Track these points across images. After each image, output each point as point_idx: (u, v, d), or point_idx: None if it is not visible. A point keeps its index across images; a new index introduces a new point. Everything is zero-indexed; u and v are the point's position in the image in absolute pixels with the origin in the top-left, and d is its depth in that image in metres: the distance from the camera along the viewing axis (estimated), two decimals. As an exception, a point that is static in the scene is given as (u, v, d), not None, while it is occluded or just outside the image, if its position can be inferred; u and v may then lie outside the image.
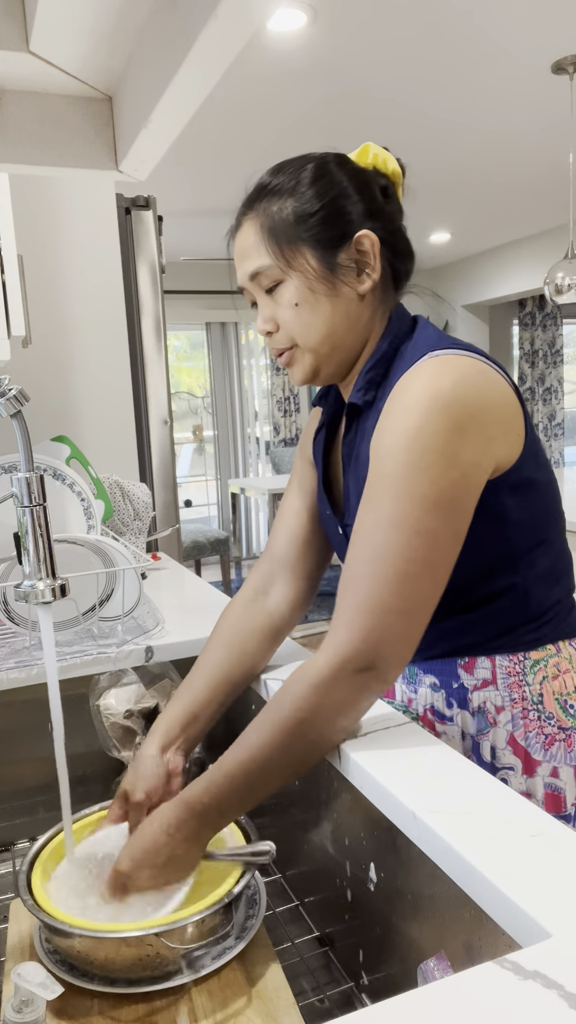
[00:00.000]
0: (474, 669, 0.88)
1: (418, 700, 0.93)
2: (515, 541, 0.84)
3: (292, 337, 0.86)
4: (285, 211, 0.83)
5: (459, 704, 0.89)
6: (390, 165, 0.87)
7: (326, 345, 0.86)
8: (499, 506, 0.81)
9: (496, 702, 0.87)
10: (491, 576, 0.85)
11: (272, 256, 0.84)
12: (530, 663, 0.87)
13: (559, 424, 6.99)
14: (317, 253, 0.82)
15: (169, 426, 2.36)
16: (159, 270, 2.28)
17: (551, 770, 0.86)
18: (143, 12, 0.64)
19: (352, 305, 0.85)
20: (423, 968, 0.65)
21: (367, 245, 0.83)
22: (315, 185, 0.83)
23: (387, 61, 2.76)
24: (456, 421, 0.74)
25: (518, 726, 0.87)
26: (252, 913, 0.83)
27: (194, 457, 6.88)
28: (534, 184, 4.47)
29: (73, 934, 0.72)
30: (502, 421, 0.78)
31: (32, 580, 0.78)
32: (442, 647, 0.90)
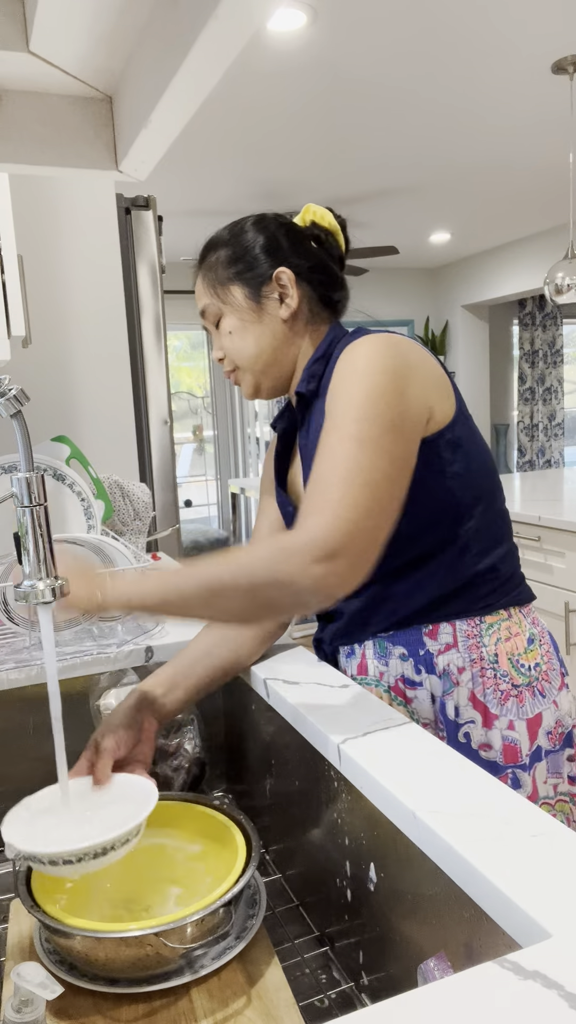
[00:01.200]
0: (437, 635, 0.98)
1: (389, 672, 1.01)
2: (455, 493, 0.95)
3: (232, 361, 1.02)
4: (220, 258, 1.01)
5: (426, 669, 0.98)
6: (326, 219, 1.03)
7: (258, 363, 1.01)
8: (439, 459, 0.93)
9: (458, 663, 0.97)
10: (434, 529, 0.95)
11: (210, 296, 1.02)
12: (485, 626, 0.98)
13: (559, 424, 6.99)
14: (243, 290, 0.99)
15: (169, 426, 2.36)
16: (159, 270, 2.28)
17: (507, 723, 0.96)
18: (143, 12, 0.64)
19: (277, 329, 1.00)
20: (423, 968, 0.65)
21: (284, 279, 0.98)
22: (242, 235, 1.01)
23: (387, 61, 2.76)
24: (397, 366, 0.87)
25: (477, 683, 0.96)
26: (252, 913, 0.83)
27: (194, 457, 6.88)
28: (534, 184, 4.47)
29: (73, 934, 0.72)
30: (433, 377, 0.91)
31: (32, 580, 0.78)
32: (402, 613, 0.99)
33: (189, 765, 1.08)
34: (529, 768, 0.96)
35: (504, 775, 0.94)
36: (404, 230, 5.55)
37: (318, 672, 1.02)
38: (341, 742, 0.80)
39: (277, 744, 1.00)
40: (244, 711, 1.13)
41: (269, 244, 0.99)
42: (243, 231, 1.01)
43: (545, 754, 0.96)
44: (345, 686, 0.97)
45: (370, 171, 4.09)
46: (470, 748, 0.96)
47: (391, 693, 1.01)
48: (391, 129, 3.47)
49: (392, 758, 0.76)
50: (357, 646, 1.04)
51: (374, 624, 1.01)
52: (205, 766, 1.11)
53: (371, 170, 4.07)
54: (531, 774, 0.96)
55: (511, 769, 0.95)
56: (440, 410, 0.92)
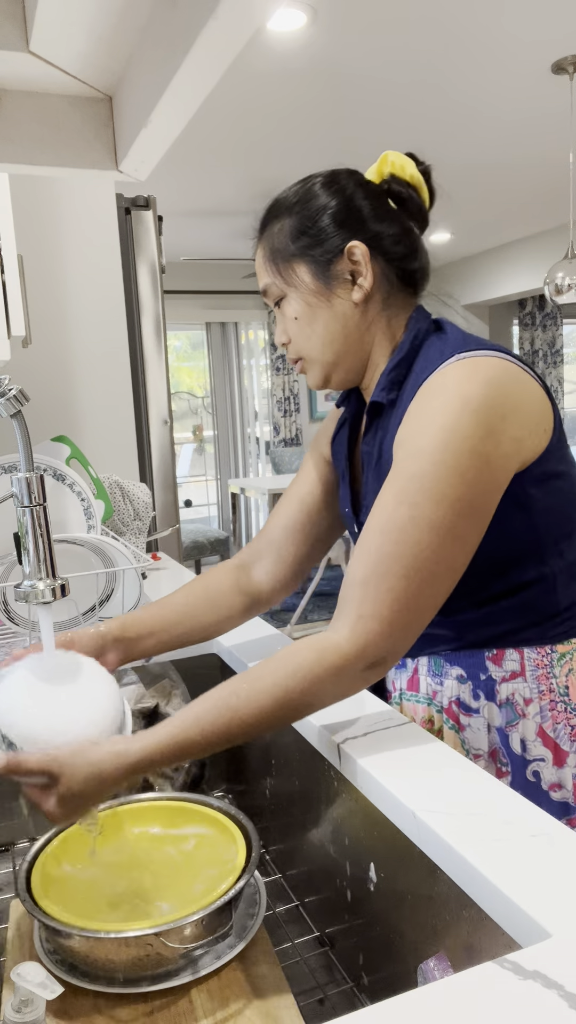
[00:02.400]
0: (502, 661, 0.89)
1: (443, 692, 0.92)
2: (541, 531, 0.85)
3: (298, 349, 0.92)
4: (283, 230, 0.89)
5: (486, 696, 0.89)
6: (408, 170, 0.90)
7: (327, 355, 0.90)
8: (525, 496, 0.83)
9: (524, 694, 0.88)
10: (519, 565, 0.86)
11: (272, 274, 0.90)
12: (557, 656, 0.88)
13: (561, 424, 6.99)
14: (311, 268, 0.88)
15: (169, 426, 2.36)
16: (159, 270, 2.28)
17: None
18: (143, 12, 0.64)
19: (349, 315, 0.88)
20: (423, 968, 0.65)
21: (357, 255, 0.86)
22: (309, 203, 0.88)
23: (387, 61, 2.76)
24: (487, 424, 0.76)
25: (546, 718, 0.88)
26: (252, 913, 0.83)
27: (194, 457, 6.88)
28: (534, 184, 4.47)
29: (73, 934, 0.72)
30: (529, 420, 0.80)
31: (32, 580, 0.78)
32: (470, 638, 0.90)
33: (189, 765, 1.08)
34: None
35: (574, 817, 0.88)
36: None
37: (318, 672, 1.02)
38: (341, 742, 0.80)
39: (277, 744, 1.00)
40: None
41: (341, 211, 0.87)
42: (312, 195, 0.88)
43: None
44: (345, 686, 0.97)
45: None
46: (539, 787, 0.87)
47: (443, 715, 0.92)
48: (391, 129, 3.47)
49: (392, 758, 0.76)
50: (410, 660, 0.96)
51: (435, 644, 0.93)
52: (205, 766, 1.11)
53: (371, 170, 4.07)
54: None
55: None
56: (532, 447, 0.81)
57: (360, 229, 0.87)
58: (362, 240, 0.87)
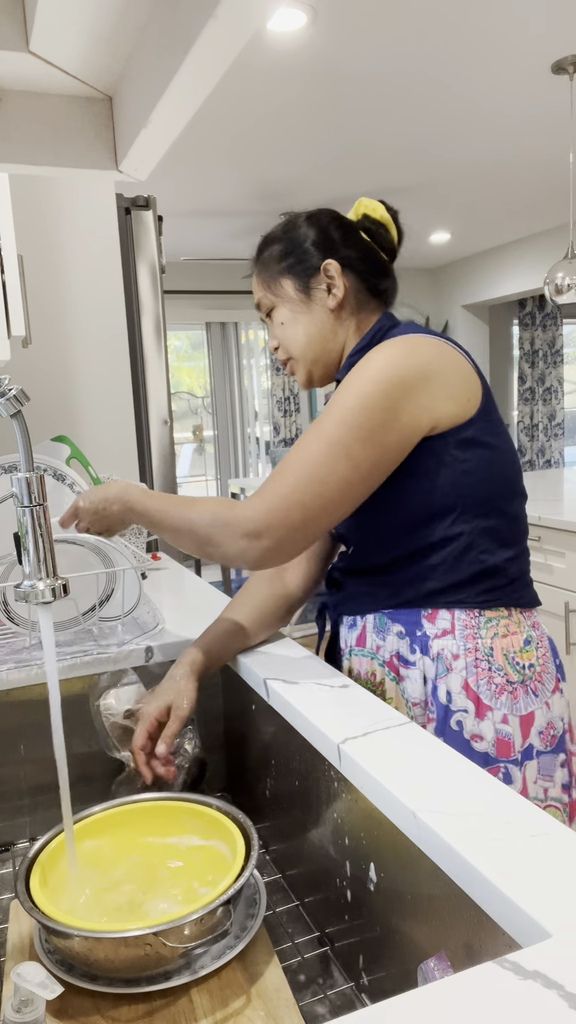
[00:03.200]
0: (435, 620, 1.00)
1: (386, 647, 1.04)
2: (462, 489, 0.96)
3: (286, 351, 1.10)
4: (272, 255, 1.09)
5: (421, 650, 1.00)
6: (378, 212, 1.08)
7: (308, 352, 1.08)
8: (449, 456, 0.95)
9: (453, 650, 0.98)
10: (441, 520, 0.97)
11: (264, 290, 1.10)
12: (484, 619, 0.99)
13: (559, 424, 6.99)
14: (294, 282, 1.06)
15: (169, 426, 2.36)
16: (159, 270, 2.28)
17: (501, 717, 0.97)
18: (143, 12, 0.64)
19: (324, 318, 1.06)
20: (423, 968, 0.65)
21: (331, 271, 1.04)
22: (294, 231, 1.07)
23: (387, 61, 2.76)
24: (401, 375, 0.91)
25: (471, 673, 0.98)
26: (252, 913, 0.83)
27: (194, 457, 6.88)
28: (534, 184, 4.47)
29: (72, 934, 0.72)
30: (450, 385, 0.94)
31: (32, 580, 0.78)
32: (404, 596, 1.01)
33: (189, 765, 1.08)
34: (521, 765, 0.96)
35: (495, 767, 0.95)
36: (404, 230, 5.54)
37: (318, 672, 1.02)
38: (341, 742, 0.80)
39: (277, 744, 1.00)
40: (244, 711, 1.13)
41: (318, 238, 1.06)
42: (295, 227, 1.08)
43: (537, 754, 0.97)
44: (345, 686, 0.97)
45: (370, 171, 4.09)
46: (461, 737, 0.96)
47: (385, 668, 1.04)
48: (391, 129, 3.47)
49: (392, 758, 0.76)
50: (359, 618, 1.08)
51: (374, 601, 1.05)
52: (205, 766, 1.11)
53: (371, 170, 4.07)
54: (522, 771, 0.96)
55: (503, 763, 0.95)
56: (452, 414, 0.94)
57: (332, 251, 1.05)
58: (338, 258, 1.04)
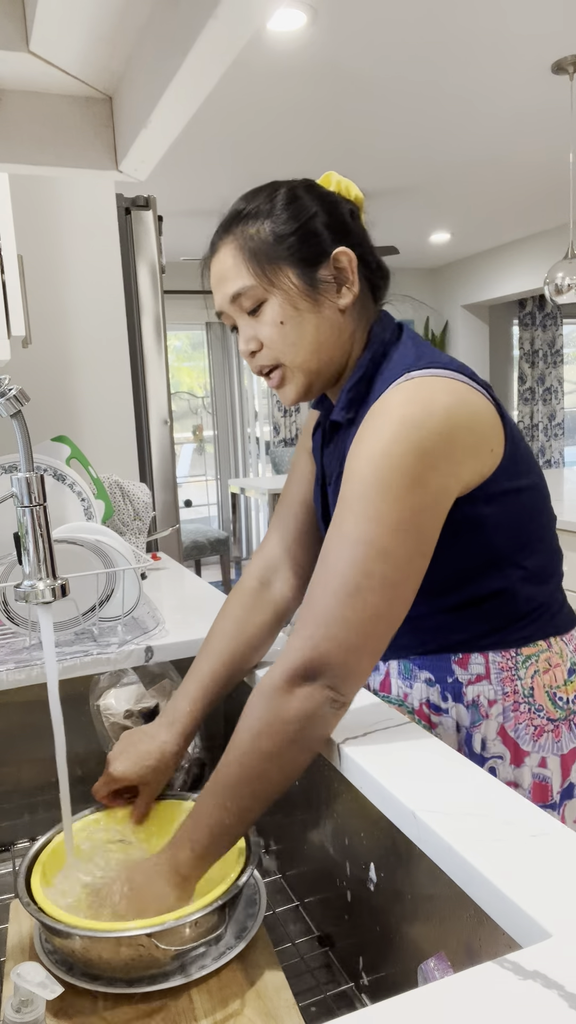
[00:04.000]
0: (468, 664, 0.90)
1: (413, 695, 0.95)
2: (498, 546, 0.86)
3: (277, 356, 0.88)
4: (264, 232, 0.85)
5: (454, 698, 0.91)
6: (352, 191, 0.90)
7: (314, 361, 0.87)
8: (477, 515, 0.83)
9: (489, 696, 0.90)
10: (478, 579, 0.87)
11: (254, 276, 0.85)
12: (522, 659, 0.90)
13: (559, 424, 6.99)
14: (298, 271, 0.85)
15: (169, 426, 2.36)
16: (159, 270, 2.27)
17: (539, 760, 0.89)
18: (143, 12, 0.64)
19: (335, 320, 0.87)
20: (423, 968, 0.65)
21: (345, 261, 0.85)
22: (289, 207, 0.85)
23: (387, 62, 2.76)
24: (422, 446, 0.75)
25: (508, 718, 0.89)
26: (252, 913, 0.83)
27: (194, 457, 6.88)
28: (534, 184, 4.47)
29: (72, 934, 0.72)
30: (472, 442, 0.80)
31: (32, 580, 0.78)
32: (435, 643, 0.92)
33: (189, 765, 1.08)
34: (559, 807, 0.90)
35: None
36: (404, 230, 5.54)
37: (318, 672, 1.02)
38: (341, 742, 0.80)
39: (277, 744, 1.00)
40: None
41: (326, 217, 0.86)
42: (294, 198, 0.86)
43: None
44: (345, 686, 0.97)
45: (370, 171, 4.09)
46: None
47: (414, 716, 0.95)
48: (391, 129, 3.47)
49: (392, 758, 0.76)
50: (381, 663, 0.99)
51: (403, 649, 0.95)
52: (205, 766, 1.11)
53: (371, 170, 4.07)
54: (560, 812, 0.90)
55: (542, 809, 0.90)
56: (477, 472, 0.81)
57: (344, 236, 0.87)
58: (351, 246, 0.86)
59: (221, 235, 0.88)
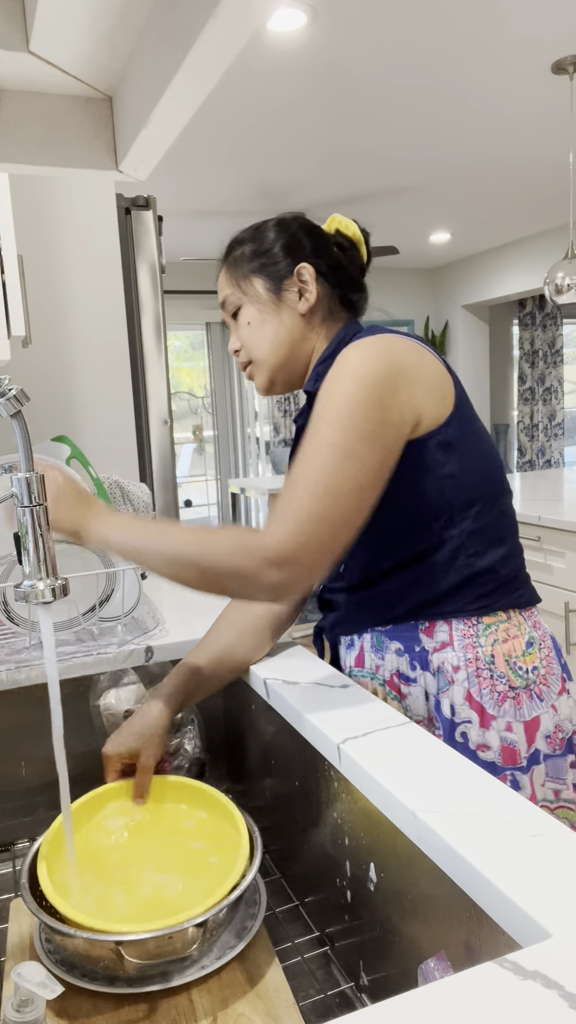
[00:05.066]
0: (433, 633, 0.98)
1: (385, 666, 1.02)
2: (447, 494, 0.94)
3: (248, 353, 1.06)
4: (245, 252, 1.05)
5: (421, 666, 0.99)
6: (351, 229, 1.06)
7: (273, 357, 1.04)
8: (430, 460, 0.93)
9: (453, 662, 0.96)
10: (428, 527, 0.95)
11: (232, 286, 1.05)
12: (482, 627, 0.97)
13: (559, 424, 6.99)
14: (264, 282, 1.03)
15: (169, 426, 2.36)
16: (159, 270, 2.28)
17: (505, 724, 0.95)
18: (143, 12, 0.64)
19: (294, 322, 1.03)
20: (423, 968, 0.65)
21: (305, 275, 1.02)
22: (269, 232, 1.05)
23: (387, 61, 2.76)
24: (383, 372, 0.88)
25: (473, 683, 0.96)
26: (252, 913, 0.83)
27: (194, 457, 6.88)
28: (534, 184, 4.47)
29: (73, 934, 0.72)
30: (426, 381, 0.91)
31: (32, 580, 0.78)
32: (398, 610, 0.99)
33: (189, 765, 1.08)
34: (527, 771, 0.95)
35: (503, 776, 0.94)
36: (404, 230, 5.54)
37: (318, 672, 1.02)
38: (341, 742, 0.80)
39: (277, 744, 1.00)
40: (244, 711, 1.13)
41: (291, 242, 1.03)
42: (268, 229, 1.05)
43: (544, 758, 0.96)
44: (345, 686, 0.97)
45: (370, 171, 4.09)
46: (468, 748, 0.95)
47: (386, 687, 1.01)
48: (391, 129, 3.47)
49: (392, 758, 0.76)
50: (356, 638, 1.05)
51: (369, 618, 1.02)
52: (205, 766, 1.11)
53: (371, 170, 4.07)
54: (529, 776, 0.95)
55: (510, 771, 0.94)
56: (432, 413, 0.92)
57: (307, 256, 1.03)
58: (313, 264, 1.02)
59: (223, 258, 1.09)
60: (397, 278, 7.06)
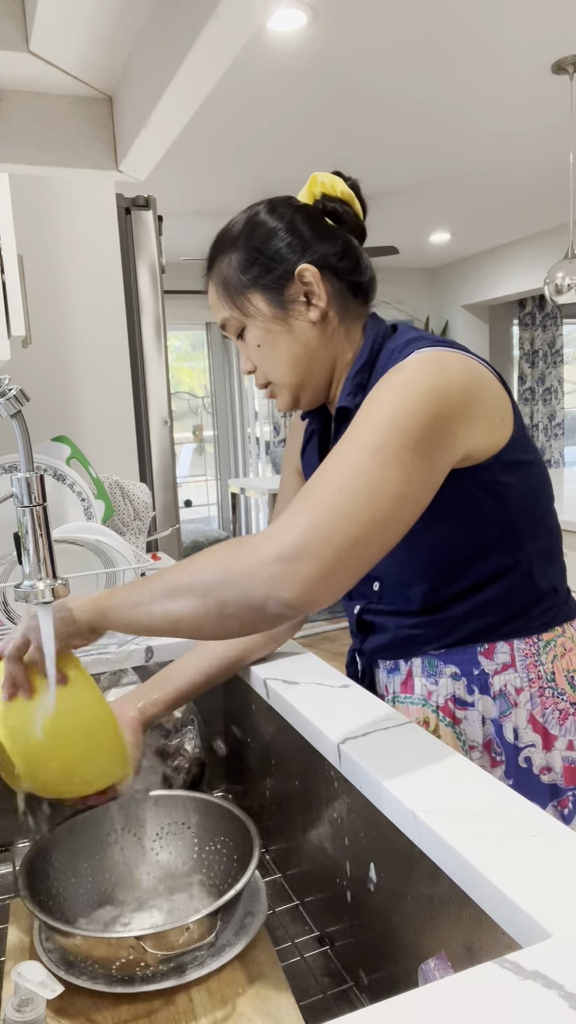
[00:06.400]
0: (494, 654, 0.92)
1: (439, 691, 0.94)
2: (516, 516, 0.88)
3: (264, 375, 0.94)
4: (232, 264, 0.90)
5: (480, 690, 0.92)
6: (338, 188, 0.91)
7: (293, 376, 0.92)
8: (497, 483, 0.86)
9: (516, 684, 0.91)
10: (497, 551, 0.89)
11: (229, 308, 0.91)
12: (543, 644, 0.92)
13: (559, 424, 6.99)
14: (265, 296, 0.89)
15: (169, 426, 2.36)
16: (159, 270, 2.28)
17: (567, 743, 0.91)
18: (143, 12, 0.64)
19: (309, 334, 0.90)
20: (423, 968, 0.65)
21: (309, 277, 0.88)
22: (252, 235, 0.89)
23: (387, 61, 2.76)
24: (446, 396, 0.76)
25: (536, 704, 0.91)
26: (252, 912, 0.83)
27: (194, 457, 6.88)
28: (534, 184, 4.47)
29: (73, 933, 0.72)
30: (485, 405, 0.81)
31: (32, 580, 0.78)
32: (458, 634, 0.92)
33: (189, 765, 1.08)
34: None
35: (565, 798, 0.90)
36: (404, 230, 5.54)
37: (318, 672, 1.02)
38: (341, 742, 0.80)
39: (277, 744, 1.00)
40: (244, 711, 1.13)
41: (285, 237, 0.88)
42: (254, 224, 0.90)
43: None
44: (345, 686, 0.97)
45: (370, 171, 4.09)
46: (531, 773, 0.90)
47: (439, 713, 0.94)
48: (391, 129, 3.47)
49: (392, 758, 0.76)
50: (403, 662, 0.98)
51: (422, 645, 0.95)
52: (205, 766, 1.11)
53: (371, 170, 4.07)
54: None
55: (571, 792, 0.90)
56: (493, 438, 0.83)
57: (305, 251, 0.89)
58: (309, 261, 0.88)
59: (207, 269, 0.94)
60: (397, 278, 7.06)
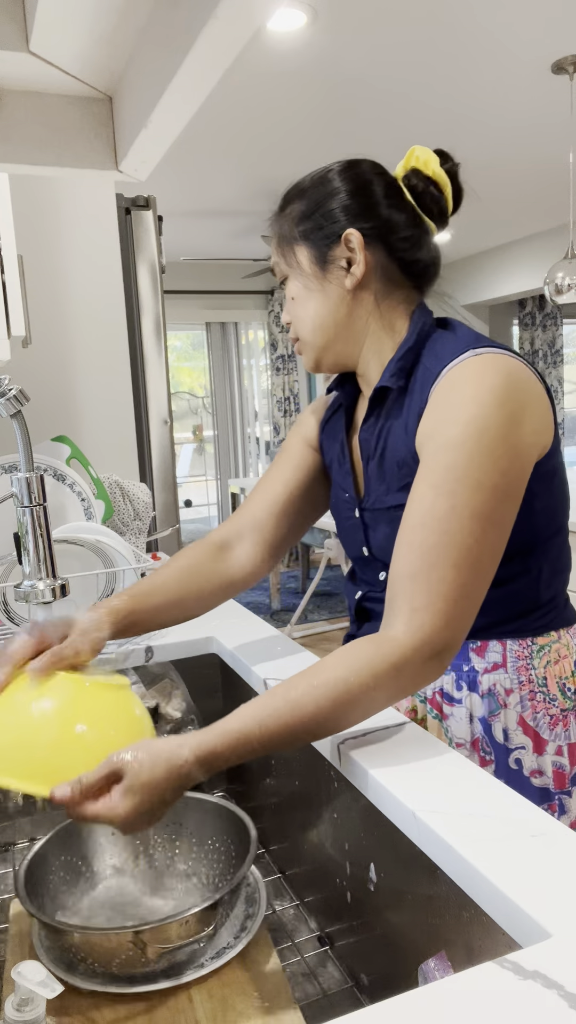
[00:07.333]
0: (485, 653, 0.91)
1: None
2: (538, 526, 0.88)
3: (296, 330, 0.94)
4: (292, 214, 0.91)
5: (469, 687, 0.92)
6: (431, 166, 0.90)
7: (317, 337, 0.92)
8: (529, 493, 0.83)
9: (505, 684, 0.91)
10: (511, 559, 0.87)
11: (277, 254, 0.93)
12: (536, 648, 0.91)
13: (559, 424, 6.99)
14: (309, 252, 0.89)
15: (169, 426, 2.36)
16: (159, 270, 2.28)
17: (556, 748, 0.91)
18: (143, 12, 0.64)
19: (339, 301, 0.89)
20: (423, 968, 0.65)
21: (353, 242, 0.87)
22: (319, 188, 0.90)
23: (387, 61, 2.76)
24: (512, 414, 0.79)
25: (526, 707, 0.91)
26: (252, 912, 0.83)
27: (194, 457, 6.88)
28: (534, 184, 4.47)
29: (72, 933, 0.72)
30: (541, 415, 0.83)
31: (32, 580, 0.78)
32: None
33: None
34: (570, 792, 0.92)
35: (553, 803, 0.91)
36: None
37: (318, 672, 1.02)
38: (341, 742, 0.80)
39: (277, 744, 1.00)
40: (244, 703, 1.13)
41: (345, 199, 0.87)
42: (326, 180, 0.89)
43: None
44: (345, 686, 0.96)
45: (370, 171, 4.09)
46: (521, 775, 0.90)
47: (427, 705, 0.95)
48: (391, 129, 3.47)
49: (392, 758, 0.76)
50: None
51: None
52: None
53: (371, 170, 4.07)
54: (573, 799, 0.92)
55: (558, 795, 0.91)
56: (543, 442, 0.84)
57: (366, 216, 0.87)
58: (365, 227, 0.87)
59: (279, 210, 0.94)
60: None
